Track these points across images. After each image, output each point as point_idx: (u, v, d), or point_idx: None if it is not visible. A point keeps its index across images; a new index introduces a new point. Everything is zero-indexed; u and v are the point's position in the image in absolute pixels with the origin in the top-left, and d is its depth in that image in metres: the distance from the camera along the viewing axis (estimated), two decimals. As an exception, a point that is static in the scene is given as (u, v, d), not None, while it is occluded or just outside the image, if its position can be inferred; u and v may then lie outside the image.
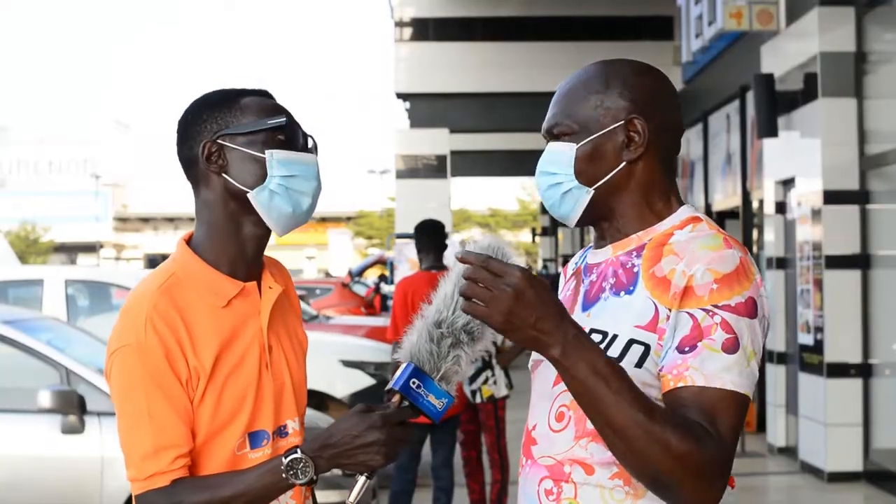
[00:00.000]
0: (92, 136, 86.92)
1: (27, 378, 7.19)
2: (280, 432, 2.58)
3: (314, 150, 2.63)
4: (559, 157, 2.36)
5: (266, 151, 2.52)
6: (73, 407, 6.74)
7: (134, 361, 2.42)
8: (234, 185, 2.53)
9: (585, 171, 2.34)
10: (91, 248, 76.77)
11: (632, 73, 2.38)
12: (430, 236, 8.08)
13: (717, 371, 2.12)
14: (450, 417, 7.91)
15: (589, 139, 2.33)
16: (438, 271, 7.94)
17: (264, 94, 2.62)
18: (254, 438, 2.52)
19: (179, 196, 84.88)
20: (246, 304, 2.56)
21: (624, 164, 2.34)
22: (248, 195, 2.52)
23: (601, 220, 2.39)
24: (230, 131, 2.53)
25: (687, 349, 2.15)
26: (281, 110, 2.58)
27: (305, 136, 2.61)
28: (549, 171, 2.37)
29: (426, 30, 25.38)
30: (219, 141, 2.53)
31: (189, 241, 2.62)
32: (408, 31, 25.60)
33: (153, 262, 53.07)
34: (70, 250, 77.78)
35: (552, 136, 2.39)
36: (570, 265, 2.58)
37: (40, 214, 76.70)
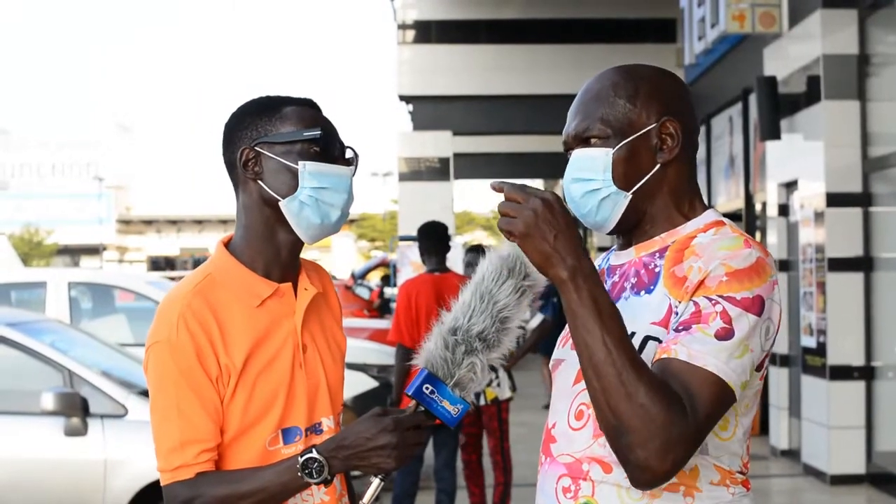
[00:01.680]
0: (94, 139, 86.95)
1: (30, 380, 7.21)
2: (314, 429, 2.65)
3: (354, 161, 2.68)
4: (593, 162, 2.34)
5: (299, 162, 2.58)
6: (75, 409, 6.75)
7: (166, 357, 2.51)
8: (268, 192, 2.61)
9: (622, 175, 2.33)
10: (94, 251, 76.79)
11: (656, 76, 2.39)
12: (434, 239, 8.09)
13: (703, 353, 2.12)
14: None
15: (625, 142, 2.33)
16: (442, 273, 7.96)
17: (307, 104, 2.68)
18: (287, 434, 2.60)
19: (182, 198, 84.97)
20: (280, 305, 2.64)
21: (658, 166, 2.35)
22: (280, 204, 2.60)
23: (634, 227, 2.39)
24: (268, 139, 2.61)
25: (681, 328, 2.17)
26: (319, 122, 2.64)
27: (343, 147, 2.67)
28: (584, 177, 2.35)
29: (429, 32, 25.39)
30: (256, 148, 2.62)
31: (228, 243, 2.70)
32: (411, 34, 25.62)
33: (156, 264, 53.19)
34: (73, 253, 77.80)
35: (581, 141, 2.37)
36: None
37: (43, 217, 76.71)
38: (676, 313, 2.21)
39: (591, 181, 2.34)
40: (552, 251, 2.10)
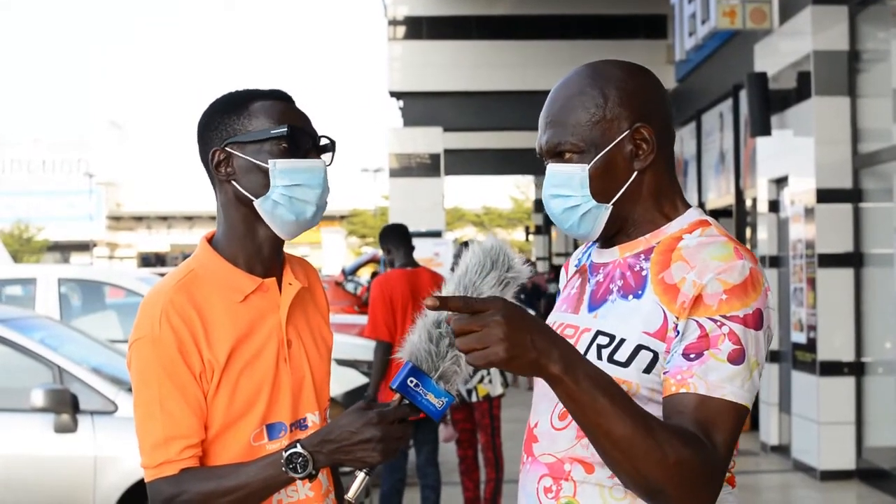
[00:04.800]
0: (86, 136, 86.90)
1: (20, 377, 7.19)
2: (299, 425, 2.63)
3: (330, 148, 2.66)
4: (571, 178, 2.30)
5: (269, 161, 2.56)
6: (65, 406, 6.73)
7: (149, 353, 2.48)
8: (242, 192, 2.59)
9: (601, 188, 2.30)
10: (84, 247, 76.72)
11: (626, 78, 2.32)
12: (400, 237, 8.22)
13: (720, 381, 2.10)
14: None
15: (599, 156, 2.29)
16: (414, 269, 8.04)
17: (276, 97, 2.64)
18: (271, 430, 2.58)
19: (173, 195, 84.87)
20: (264, 300, 2.62)
21: (636, 173, 2.31)
22: (254, 203, 2.58)
23: (616, 231, 2.36)
24: (237, 139, 2.58)
25: (693, 356, 2.13)
26: (288, 115, 2.61)
27: (316, 138, 2.63)
28: (563, 193, 2.32)
29: (420, 28, 25.39)
30: (227, 149, 2.59)
31: (211, 239, 2.69)
32: (401, 30, 25.62)
33: (147, 260, 53.13)
34: (64, 249, 77.71)
35: (555, 155, 2.33)
36: (573, 261, 2.55)
37: (34, 213, 76.67)
38: (677, 331, 2.17)
39: (569, 198, 2.31)
40: (537, 355, 1.99)
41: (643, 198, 2.33)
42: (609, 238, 2.38)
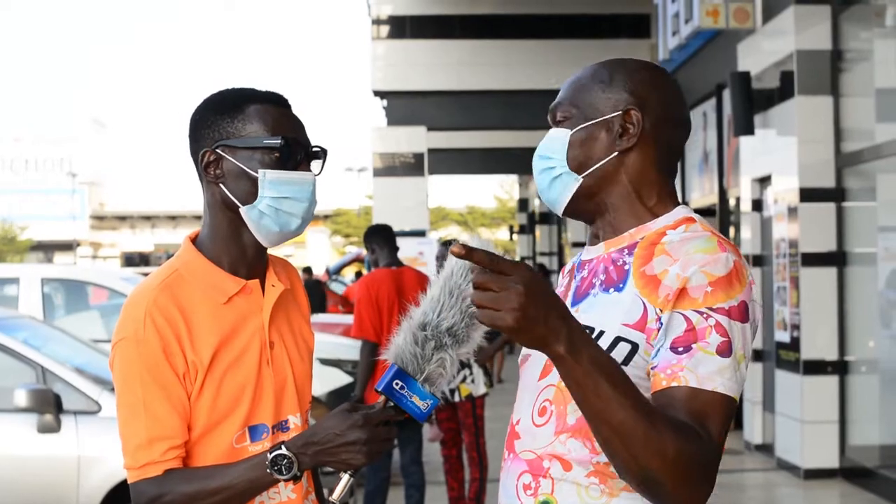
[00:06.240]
0: (69, 135, 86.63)
1: (3, 377, 7.17)
2: (281, 427, 2.62)
3: (322, 155, 2.64)
4: (555, 142, 2.37)
5: (259, 171, 2.54)
6: (49, 406, 6.72)
7: (132, 354, 2.47)
8: (229, 197, 2.57)
9: (576, 157, 2.34)
10: (68, 247, 76.54)
11: (636, 69, 2.39)
12: (384, 237, 8.23)
13: (710, 374, 2.11)
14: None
15: (583, 125, 2.34)
16: (399, 268, 8.05)
17: (273, 101, 2.61)
18: (253, 432, 2.57)
19: (156, 194, 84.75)
20: (248, 302, 2.62)
21: (616, 153, 2.33)
22: (240, 210, 2.56)
23: (594, 215, 2.38)
24: (229, 143, 2.56)
25: (681, 349, 2.13)
26: (284, 122, 2.58)
27: (309, 150, 2.61)
28: (545, 154, 2.38)
29: (403, 27, 25.36)
30: (218, 151, 2.57)
31: (195, 239, 2.67)
32: (385, 29, 25.58)
33: (130, 260, 53.10)
34: (47, 248, 77.52)
35: (554, 121, 2.40)
36: (568, 264, 2.57)
37: (17, 213, 76.46)
38: (660, 322, 2.17)
39: (549, 159, 2.37)
40: (546, 332, 1.96)
41: (620, 182, 2.35)
42: (591, 222, 2.41)
